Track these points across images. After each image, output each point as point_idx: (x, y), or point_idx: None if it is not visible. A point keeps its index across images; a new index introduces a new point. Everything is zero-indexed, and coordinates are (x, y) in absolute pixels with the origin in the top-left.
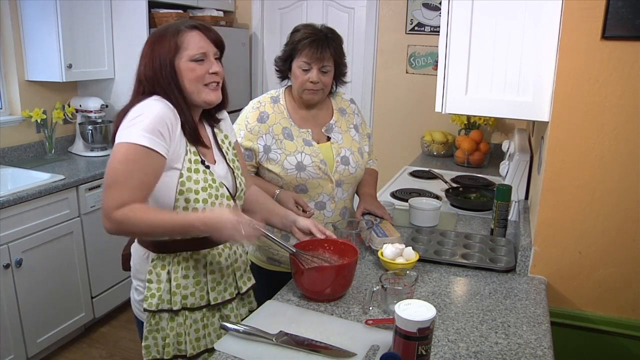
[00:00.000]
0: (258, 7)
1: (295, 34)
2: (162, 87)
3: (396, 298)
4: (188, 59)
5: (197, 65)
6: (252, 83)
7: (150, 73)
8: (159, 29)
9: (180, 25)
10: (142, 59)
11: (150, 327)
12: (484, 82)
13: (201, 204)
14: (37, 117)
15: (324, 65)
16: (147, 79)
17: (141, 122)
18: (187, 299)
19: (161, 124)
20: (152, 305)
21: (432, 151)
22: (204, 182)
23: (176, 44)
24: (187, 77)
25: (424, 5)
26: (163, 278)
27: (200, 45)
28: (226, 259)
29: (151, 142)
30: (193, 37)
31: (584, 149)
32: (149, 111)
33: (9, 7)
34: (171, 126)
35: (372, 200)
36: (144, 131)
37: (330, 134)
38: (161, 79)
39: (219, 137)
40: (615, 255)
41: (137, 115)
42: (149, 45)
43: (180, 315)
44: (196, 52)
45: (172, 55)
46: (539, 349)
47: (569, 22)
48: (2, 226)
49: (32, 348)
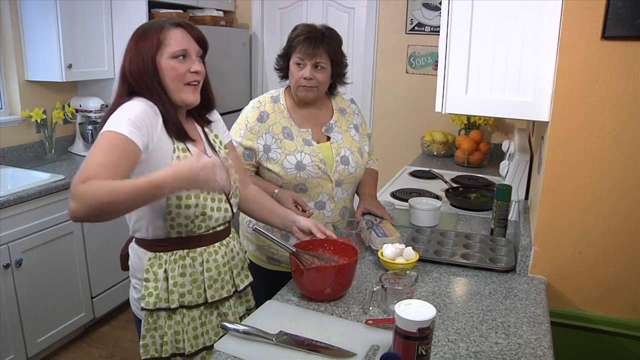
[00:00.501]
0: (258, 7)
1: (292, 32)
2: (145, 83)
3: (396, 298)
4: (169, 56)
5: (177, 63)
6: (252, 83)
7: (135, 68)
8: (144, 24)
9: (164, 22)
10: (126, 54)
11: (148, 325)
12: (484, 82)
13: (193, 199)
14: (37, 117)
15: (318, 62)
16: (131, 75)
17: (121, 115)
18: (185, 297)
19: (140, 119)
20: (150, 303)
21: (432, 151)
22: None
23: (159, 40)
24: (168, 75)
25: (424, 5)
26: (160, 277)
27: (181, 42)
28: (223, 257)
29: (129, 132)
30: (175, 34)
31: (584, 149)
32: (131, 108)
33: (9, 7)
34: (150, 124)
35: (372, 200)
36: (123, 122)
37: (330, 134)
38: (144, 75)
39: (210, 137)
40: (615, 255)
41: (119, 112)
42: (133, 41)
43: (177, 314)
44: (177, 49)
45: (154, 51)
46: (539, 349)
47: (569, 22)
48: (2, 226)
49: (32, 348)
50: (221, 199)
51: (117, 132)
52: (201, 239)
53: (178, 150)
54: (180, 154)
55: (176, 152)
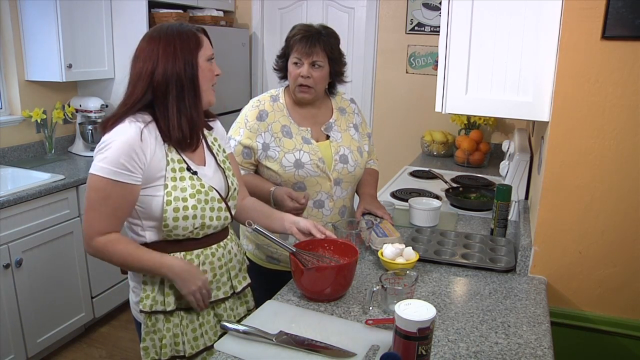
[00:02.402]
0: (258, 7)
1: (290, 32)
2: (178, 88)
3: (396, 298)
4: (206, 58)
5: (210, 65)
6: (252, 83)
7: (173, 71)
8: (163, 30)
9: (190, 27)
10: (159, 59)
11: (148, 328)
12: (484, 82)
13: (190, 210)
14: (37, 117)
15: (315, 60)
16: (165, 77)
17: (107, 151)
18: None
19: (126, 155)
20: (147, 306)
21: (432, 151)
22: (191, 189)
23: (197, 42)
24: (205, 76)
25: (424, 5)
26: (157, 279)
27: (210, 46)
28: (219, 259)
29: (116, 175)
30: (204, 38)
31: (584, 149)
32: (117, 140)
33: (9, 7)
34: (137, 154)
35: (372, 200)
36: (109, 164)
37: (329, 133)
38: (184, 78)
39: (209, 140)
40: (615, 255)
41: (107, 143)
42: (167, 44)
43: (175, 316)
44: (210, 53)
45: (196, 53)
46: (539, 349)
47: (569, 22)
48: (2, 226)
49: (32, 348)
50: (220, 207)
51: (103, 177)
52: (198, 242)
53: (172, 162)
54: (176, 166)
55: (170, 165)
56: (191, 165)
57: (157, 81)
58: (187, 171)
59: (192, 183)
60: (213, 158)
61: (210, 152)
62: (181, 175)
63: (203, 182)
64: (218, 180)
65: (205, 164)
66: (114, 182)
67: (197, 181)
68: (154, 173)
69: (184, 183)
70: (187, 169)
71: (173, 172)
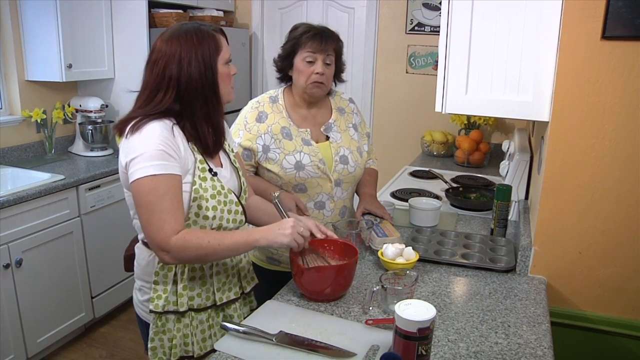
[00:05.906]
0: (258, 7)
1: (295, 31)
2: (200, 92)
3: (396, 298)
4: (224, 62)
5: (228, 67)
6: (252, 83)
7: (196, 75)
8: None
9: (208, 28)
10: (180, 61)
11: (157, 328)
12: (484, 82)
13: (211, 211)
14: (37, 117)
15: (328, 56)
16: (188, 82)
17: (144, 151)
18: (194, 300)
19: (163, 144)
20: (159, 306)
21: (432, 151)
22: (212, 190)
23: (216, 45)
24: (224, 80)
25: (424, 5)
26: (169, 280)
27: (228, 48)
28: (231, 260)
29: (161, 168)
30: (223, 40)
31: (584, 149)
32: (149, 137)
33: (9, 7)
34: (172, 145)
35: (372, 200)
36: (150, 160)
37: (329, 133)
38: (205, 82)
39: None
40: (615, 255)
41: (140, 143)
42: (189, 46)
43: (186, 317)
44: (228, 55)
45: (215, 56)
46: (539, 349)
47: (569, 22)
48: (2, 226)
49: (32, 348)
50: (237, 210)
51: (152, 175)
52: None
53: (198, 161)
54: (199, 165)
55: (197, 164)
56: (212, 167)
57: (182, 90)
58: (209, 172)
59: (213, 184)
60: (228, 159)
61: (225, 153)
62: (204, 175)
63: (223, 184)
64: (234, 181)
65: (222, 166)
66: (160, 177)
67: (217, 182)
68: (186, 167)
69: (206, 183)
70: (209, 170)
71: (199, 171)
